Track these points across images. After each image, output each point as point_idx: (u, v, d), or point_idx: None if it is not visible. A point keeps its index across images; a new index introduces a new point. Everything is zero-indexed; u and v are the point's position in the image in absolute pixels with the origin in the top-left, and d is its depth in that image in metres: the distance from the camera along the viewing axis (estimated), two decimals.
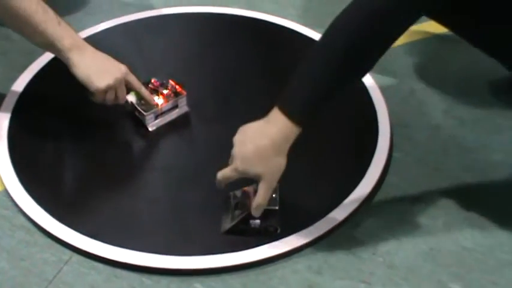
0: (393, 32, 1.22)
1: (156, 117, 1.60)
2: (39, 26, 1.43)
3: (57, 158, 1.53)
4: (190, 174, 1.50)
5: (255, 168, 1.26)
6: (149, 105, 1.58)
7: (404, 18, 1.21)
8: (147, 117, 1.58)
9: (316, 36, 1.91)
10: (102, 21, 1.97)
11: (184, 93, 1.62)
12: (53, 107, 1.67)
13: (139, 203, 1.43)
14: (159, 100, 1.59)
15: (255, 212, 1.31)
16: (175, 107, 1.62)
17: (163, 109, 1.60)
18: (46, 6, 1.45)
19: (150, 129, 1.59)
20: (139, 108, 1.58)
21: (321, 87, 1.24)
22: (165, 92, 1.61)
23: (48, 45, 1.46)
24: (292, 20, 1.98)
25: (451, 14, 1.40)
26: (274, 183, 1.29)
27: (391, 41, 1.23)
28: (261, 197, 1.28)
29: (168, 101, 1.60)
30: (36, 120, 1.63)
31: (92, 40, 1.87)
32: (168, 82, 1.63)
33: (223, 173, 1.31)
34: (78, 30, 1.91)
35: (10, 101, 1.67)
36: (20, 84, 1.72)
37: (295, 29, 1.94)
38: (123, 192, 1.46)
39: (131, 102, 1.59)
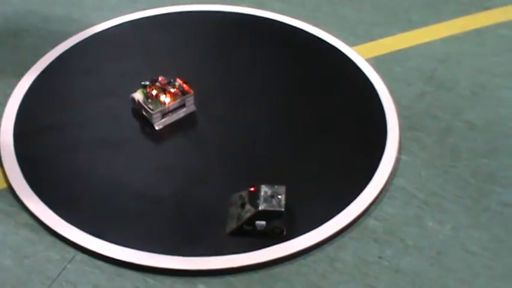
0: None
1: (163, 116, 1.59)
2: None
3: (62, 155, 1.53)
4: (196, 174, 1.49)
5: None
6: (156, 104, 1.57)
7: None
8: (154, 116, 1.57)
9: (325, 36, 1.90)
10: (109, 18, 1.96)
11: (192, 92, 1.61)
12: (58, 104, 1.66)
13: (144, 203, 1.42)
14: (166, 99, 1.58)
15: None
16: (182, 105, 1.61)
17: (170, 108, 1.59)
18: None
19: (156, 127, 1.58)
20: (146, 107, 1.57)
21: None
22: (172, 90, 1.60)
23: None
24: (301, 19, 1.97)
25: None
26: None
27: None
28: None
29: (175, 100, 1.59)
30: (42, 117, 1.62)
31: (99, 37, 1.88)
32: (175, 80, 1.62)
33: None
34: (85, 26, 1.92)
35: (16, 98, 1.67)
36: (26, 81, 1.72)
37: (304, 29, 1.93)
38: (128, 191, 1.45)
39: (138, 101, 1.59)
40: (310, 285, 1.28)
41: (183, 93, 1.61)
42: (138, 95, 1.59)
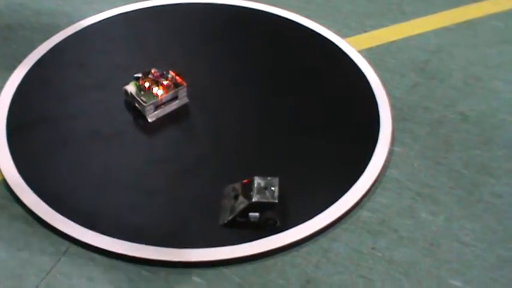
0: None
1: (156, 108, 1.59)
2: None
3: (56, 148, 1.52)
4: (190, 166, 1.49)
5: None
6: (149, 96, 1.57)
7: None
8: (147, 108, 1.57)
9: (317, 28, 1.89)
10: (102, 11, 1.95)
11: (185, 84, 1.61)
12: (51, 97, 1.65)
13: (138, 195, 1.42)
14: (158, 91, 1.58)
15: None
16: (175, 98, 1.61)
17: (163, 100, 1.59)
18: None
19: (149, 120, 1.58)
20: (138, 99, 1.57)
21: None
22: (165, 82, 1.59)
23: None
24: (294, 11, 1.97)
25: None
26: None
27: None
28: None
29: (168, 92, 1.59)
30: (35, 110, 1.62)
31: (92, 30, 1.87)
32: (168, 73, 1.61)
33: None
34: (77, 19, 1.92)
35: (9, 90, 1.66)
36: (19, 74, 1.71)
37: (297, 21, 1.93)
38: (122, 184, 1.45)
39: (130, 93, 1.58)
40: (303, 277, 1.29)
41: (176, 85, 1.60)
42: (131, 87, 1.59)
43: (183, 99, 1.63)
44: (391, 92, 1.70)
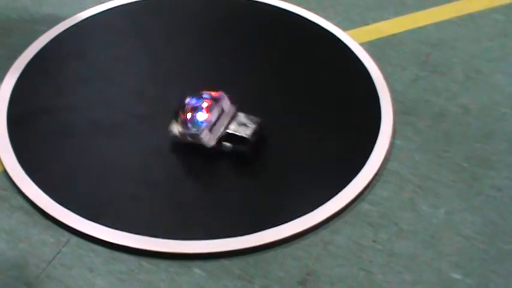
0: None
1: (210, 131, 1.46)
2: None
3: (57, 139, 1.52)
4: (191, 158, 1.48)
5: None
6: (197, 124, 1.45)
7: None
8: (202, 135, 1.44)
9: (319, 20, 1.89)
10: (102, 2, 1.95)
11: (221, 93, 1.49)
12: (52, 88, 1.65)
13: (139, 186, 1.42)
14: (203, 115, 1.45)
15: None
16: (222, 112, 1.48)
17: (212, 121, 1.46)
18: None
19: (210, 144, 1.46)
20: (190, 132, 1.45)
21: None
22: (204, 105, 1.46)
23: None
24: (295, 3, 1.96)
25: None
26: None
27: None
28: None
29: (211, 112, 1.45)
30: (36, 101, 1.62)
31: (91, 21, 1.87)
32: (202, 94, 1.49)
33: None
34: (78, 10, 1.91)
35: (10, 81, 1.66)
36: (19, 65, 1.71)
37: (298, 13, 1.92)
38: (123, 175, 1.44)
39: (179, 131, 1.48)
40: (304, 269, 1.29)
41: (215, 100, 1.47)
42: (176, 127, 1.48)
43: (229, 108, 1.50)
44: (393, 85, 1.69)
